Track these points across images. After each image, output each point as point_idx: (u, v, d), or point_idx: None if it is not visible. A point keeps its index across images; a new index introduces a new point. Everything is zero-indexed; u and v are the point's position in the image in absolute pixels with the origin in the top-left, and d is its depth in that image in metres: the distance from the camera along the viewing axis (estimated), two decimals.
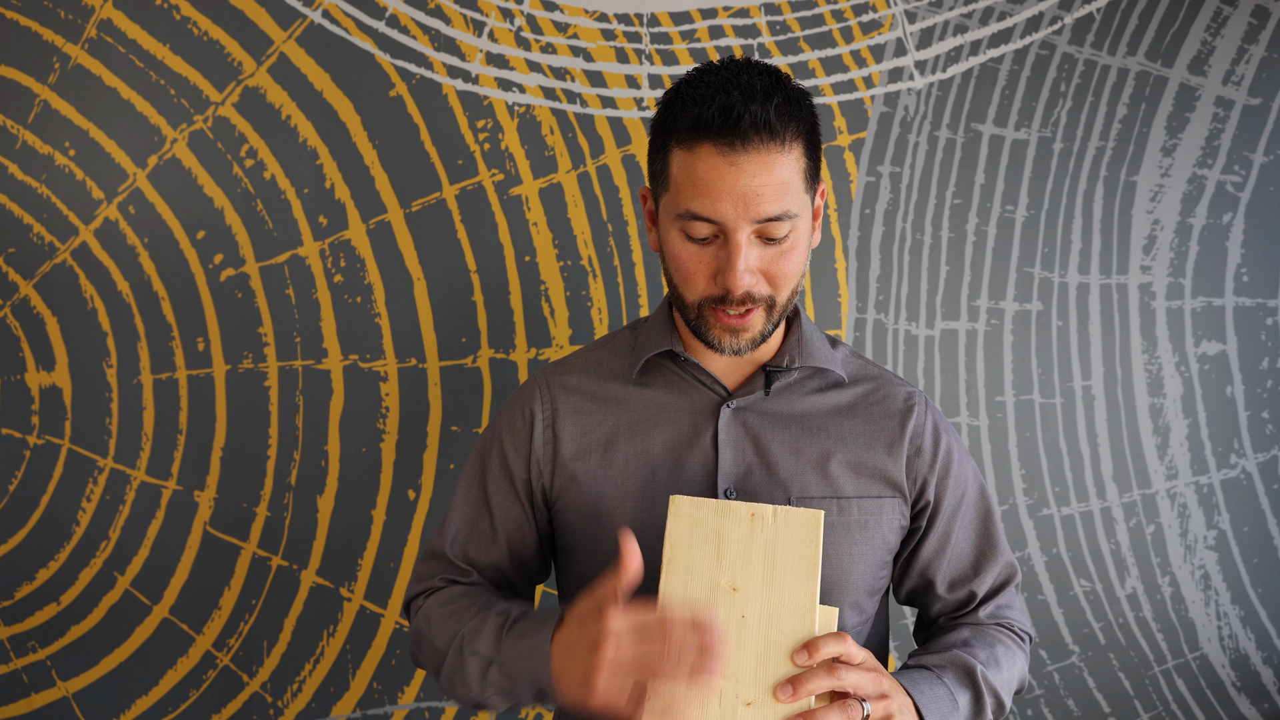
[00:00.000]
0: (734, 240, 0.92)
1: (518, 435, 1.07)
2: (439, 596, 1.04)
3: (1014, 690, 1.05)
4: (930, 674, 0.98)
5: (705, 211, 0.92)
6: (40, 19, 1.37)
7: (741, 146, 0.90)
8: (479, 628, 0.95)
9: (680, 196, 0.93)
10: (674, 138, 0.94)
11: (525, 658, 0.89)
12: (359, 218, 1.42)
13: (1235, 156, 1.48)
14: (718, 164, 0.90)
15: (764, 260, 0.94)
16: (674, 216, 0.95)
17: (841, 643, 0.86)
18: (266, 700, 1.43)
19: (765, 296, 0.96)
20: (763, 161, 0.90)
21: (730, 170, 0.90)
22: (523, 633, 0.91)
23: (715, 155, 0.90)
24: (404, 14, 1.41)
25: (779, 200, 0.91)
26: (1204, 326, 1.49)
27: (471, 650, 0.94)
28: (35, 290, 1.39)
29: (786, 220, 0.93)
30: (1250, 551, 1.50)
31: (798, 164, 0.93)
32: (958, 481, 1.07)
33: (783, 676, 0.85)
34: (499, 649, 0.91)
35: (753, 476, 1.01)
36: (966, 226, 1.48)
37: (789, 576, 0.87)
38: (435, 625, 1.00)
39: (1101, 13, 1.47)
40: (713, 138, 0.90)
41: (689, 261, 0.96)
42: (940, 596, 1.09)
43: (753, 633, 0.86)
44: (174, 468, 1.41)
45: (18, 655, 1.41)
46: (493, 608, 0.97)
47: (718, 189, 0.91)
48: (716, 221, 0.92)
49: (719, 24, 1.45)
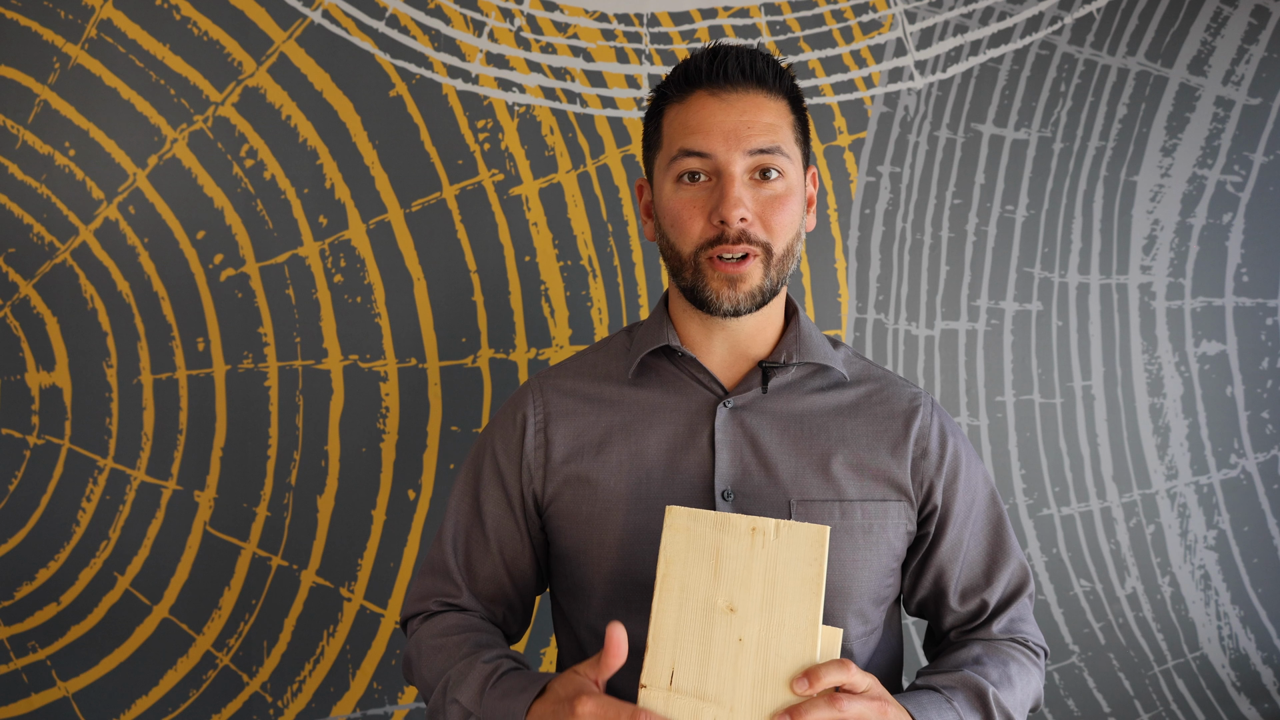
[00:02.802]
0: (727, 173, 0.96)
1: (509, 441, 1.06)
2: (431, 626, 1.03)
3: (1028, 709, 1.01)
4: (939, 697, 0.93)
5: (698, 146, 0.96)
6: (40, 19, 1.37)
7: (730, 87, 0.97)
8: (464, 674, 0.95)
9: (674, 143, 0.98)
10: (668, 99, 1.00)
11: (502, 719, 0.89)
12: (359, 218, 1.42)
13: (1235, 156, 1.48)
14: (709, 103, 0.97)
15: (758, 203, 0.97)
16: (668, 164, 0.99)
17: (844, 671, 0.82)
18: (266, 700, 1.43)
19: (762, 241, 0.96)
20: (751, 101, 0.97)
21: (721, 107, 0.97)
22: (505, 693, 0.90)
23: (706, 96, 0.97)
24: (404, 14, 1.41)
25: (769, 135, 0.97)
26: (1204, 326, 1.49)
27: (453, 698, 0.94)
28: (35, 290, 1.39)
29: (778, 156, 0.97)
30: (1250, 551, 1.50)
31: (785, 116, 0.99)
32: (968, 486, 1.04)
33: (781, 705, 0.80)
34: (480, 703, 0.92)
35: (751, 478, 0.99)
36: (966, 226, 1.47)
37: (790, 597, 0.82)
38: (425, 657, 1.01)
39: (1101, 13, 1.47)
40: (703, 83, 0.98)
41: (684, 207, 0.98)
42: (952, 608, 1.05)
43: (750, 657, 0.81)
44: (174, 468, 1.41)
45: (18, 655, 1.41)
46: (480, 655, 0.97)
47: (709, 125, 0.96)
48: (709, 154, 0.96)
49: (719, 24, 1.45)
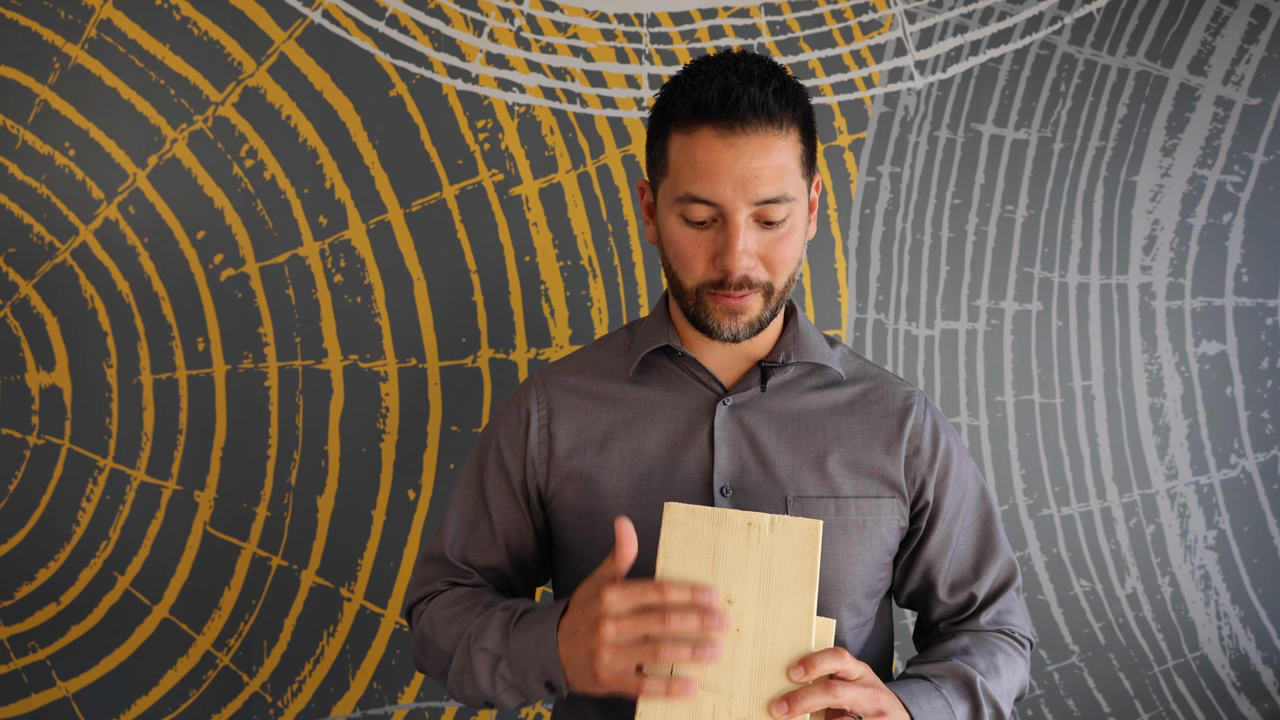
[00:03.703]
0: (732, 222, 0.93)
1: (514, 435, 1.07)
2: (442, 599, 1.04)
3: (1014, 698, 1.04)
4: (929, 685, 0.96)
5: (704, 194, 0.93)
6: (40, 19, 1.38)
7: (740, 129, 0.91)
8: (485, 624, 0.94)
9: (679, 180, 0.95)
10: (673, 123, 0.95)
11: (533, 648, 0.89)
12: (359, 218, 1.42)
13: (1235, 156, 1.48)
14: (716, 146, 0.92)
15: (761, 244, 0.95)
16: (673, 201, 0.96)
17: (839, 659, 0.84)
18: (266, 700, 1.43)
19: (763, 282, 0.96)
20: (761, 144, 0.92)
21: (729, 152, 0.92)
22: (529, 624, 0.91)
23: (714, 138, 0.92)
24: (404, 14, 1.41)
25: (777, 183, 0.93)
26: (1204, 326, 1.49)
27: (480, 647, 0.94)
28: (35, 290, 1.39)
29: (784, 203, 0.94)
30: (1250, 551, 1.50)
31: (794, 149, 0.95)
32: (958, 482, 1.07)
33: (778, 693, 0.83)
34: (507, 643, 0.91)
35: (749, 475, 1.01)
36: (966, 226, 1.48)
37: (785, 589, 0.85)
38: (440, 627, 1.00)
39: (1101, 13, 1.47)
40: (712, 120, 0.92)
41: (687, 246, 0.96)
42: (941, 600, 1.08)
43: (748, 647, 0.84)
44: (174, 468, 1.41)
45: (18, 655, 1.41)
46: (497, 605, 0.97)
47: (716, 171, 0.92)
48: (716, 203, 0.93)
49: (719, 24, 1.45)
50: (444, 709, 1.45)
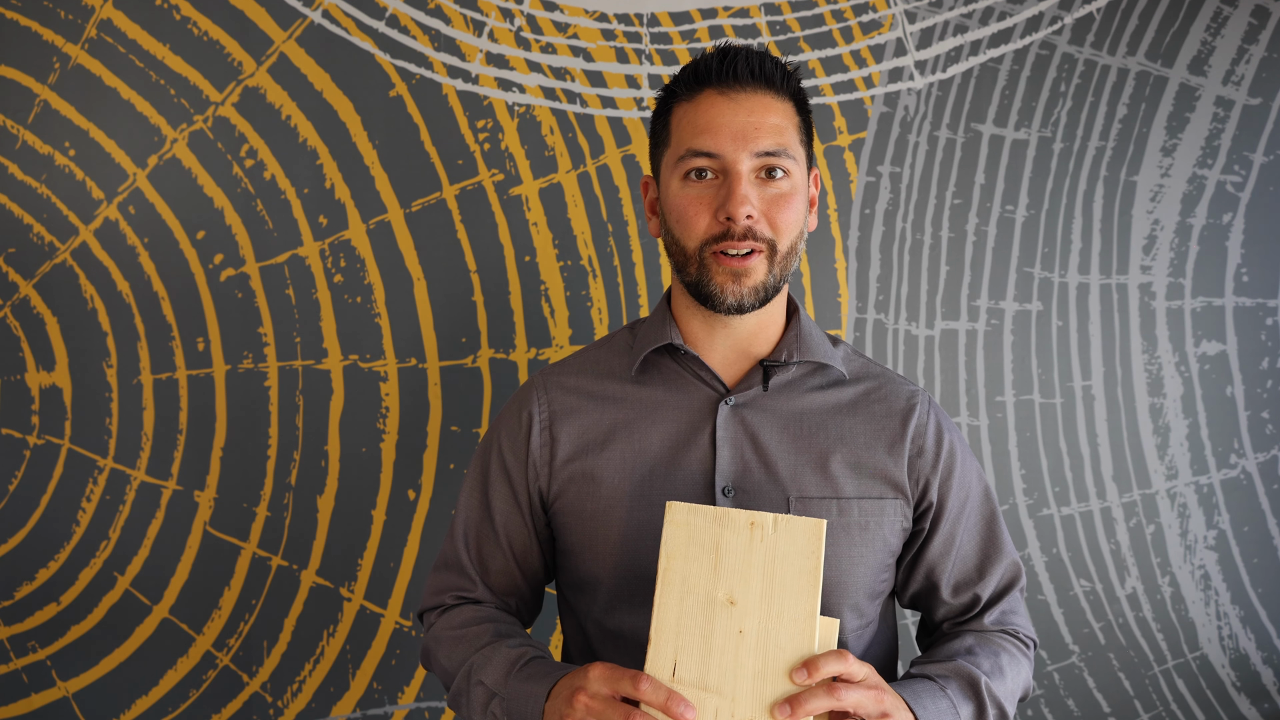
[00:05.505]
0: (734, 171, 0.97)
1: (516, 439, 1.07)
2: (448, 619, 1.06)
3: (1018, 699, 1.04)
4: (934, 686, 0.96)
5: (706, 146, 0.97)
6: (40, 19, 1.37)
7: (739, 87, 0.98)
8: (489, 659, 0.97)
9: (682, 141, 0.99)
10: (676, 97, 1.01)
11: (526, 699, 0.91)
12: (359, 218, 1.42)
13: (1235, 156, 1.48)
14: (717, 102, 0.98)
15: (764, 201, 0.98)
16: (675, 162, 1.00)
17: (842, 661, 0.84)
18: (266, 700, 1.43)
19: (767, 238, 0.98)
20: (759, 101, 0.98)
21: (729, 106, 0.98)
22: (530, 675, 0.93)
23: (715, 95, 0.99)
24: (404, 14, 1.41)
25: (776, 137, 0.98)
26: (1204, 326, 1.49)
27: (478, 680, 0.97)
28: (35, 290, 1.39)
29: (784, 158, 0.98)
30: (1250, 551, 1.50)
31: (791, 118, 1.00)
32: (961, 483, 1.06)
33: (781, 695, 0.82)
34: (505, 685, 0.94)
35: (751, 475, 1.00)
36: (966, 226, 1.48)
37: (789, 589, 0.84)
38: (444, 647, 1.03)
39: (1101, 13, 1.47)
40: (712, 82, 0.99)
41: (690, 204, 0.99)
42: (944, 601, 1.08)
43: (750, 649, 0.83)
44: (174, 468, 1.41)
45: (18, 655, 1.41)
46: (504, 641, 0.99)
47: (718, 124, 0.97)
48: (717, 154, 0.97)
49: (719, 24, 1.45)
50: (444, 709, 1.45)
